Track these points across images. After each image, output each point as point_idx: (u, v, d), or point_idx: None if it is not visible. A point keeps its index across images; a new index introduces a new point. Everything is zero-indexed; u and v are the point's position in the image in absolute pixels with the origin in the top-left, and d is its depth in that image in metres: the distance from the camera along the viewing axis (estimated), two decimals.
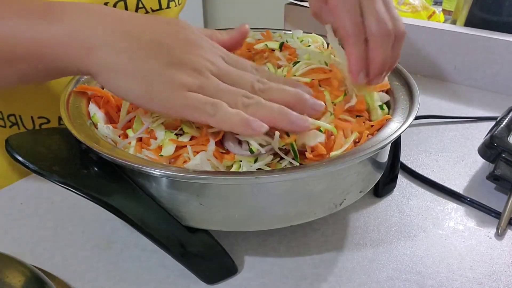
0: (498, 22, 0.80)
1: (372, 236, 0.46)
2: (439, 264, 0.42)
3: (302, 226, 0.46)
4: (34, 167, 0.36)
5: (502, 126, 0.53)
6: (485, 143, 0.52)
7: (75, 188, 0.36)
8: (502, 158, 0.50)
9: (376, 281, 0.41)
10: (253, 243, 0.44)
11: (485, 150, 0.52)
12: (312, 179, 0.38)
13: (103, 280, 0.41)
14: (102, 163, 0.38)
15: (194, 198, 0.38)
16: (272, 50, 0.52)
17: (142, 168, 0.35)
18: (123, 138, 0.42)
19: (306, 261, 0.43)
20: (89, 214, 0.48)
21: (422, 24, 0.84)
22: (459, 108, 0.73)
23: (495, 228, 0.47)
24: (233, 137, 0.39)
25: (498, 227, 0.46)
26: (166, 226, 0.39)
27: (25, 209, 0.49)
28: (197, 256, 0.40)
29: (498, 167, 0.50)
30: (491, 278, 0.41)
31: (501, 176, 0.49)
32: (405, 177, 0.55)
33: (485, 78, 0.80)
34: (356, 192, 0.42)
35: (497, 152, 0.51)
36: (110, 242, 0.45)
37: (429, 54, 0.84)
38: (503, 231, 0.46)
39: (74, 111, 0.43)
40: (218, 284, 0.40)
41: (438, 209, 0.50)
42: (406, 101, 0.46)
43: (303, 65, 0.48)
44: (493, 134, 0.52)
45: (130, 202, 0.38)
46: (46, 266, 0.42)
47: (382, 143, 0.38)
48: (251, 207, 0.38)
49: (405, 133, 0.41)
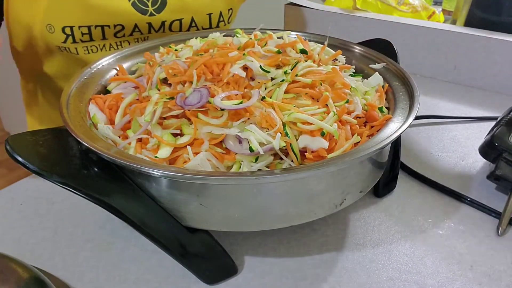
0: (498, 22, 0.80)
1: (372, 236, 0.46)
2: (439, 264, 0.42)
3: (302, 226, 0.46)
4: (34, 167, 0.36)
5: (502, 126, 0.53)
6: (486, 143, 0.52)
7: (75, 188, 0.36)
8: (503, 158, 0.50)
9: (376, 281, 0.41)
10: (253, 243, 0.44)
11: (486, 150, 0.52)
12: (312, 179, 0.38)
13: (103, 280, 0.41)
14: (102, 164, 0.38)
15: (194, 198, 0.38)
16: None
17: (142, 169, 0.36)
18: (123, 138, 0.42)
19: (306, 261, 0.43)
20: (89, 214, 0.48)
21: (422, 24, 0.84)
22: (459, 108, 0.73)
23: (495, 228, 0.47)
24: (233, 136, 0.39)
25: (499, 227, 0.46)
26: (166, 226, 0.39)
27: (25, 209, 0.49)
28: (197, 256, 0.40)
29: (499, 167, 0.50)
30: (491, 278, 0.41)
31: (502, 176, 0.49)
32: (405, 177, 0.55)
33: (485, 78, 0.80)
34: (356, 192, 0.42)
35: (498, 152, 0.51)
36: (110, 242, 0.45)
37: (429, 54, 0.84)
38: (503, 231, 0.46)
39: (74, 111, 0.43)
40: (218, 284, 0.40)
41: (438, 209, 0.50)
42: (406, 101, 0.46)
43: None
44: (494, 134, 0.52)
45: (130, 203, 0.38)
46: (46, 266, 0.42)
47: (382, 144, 0.38)
48: (251, 207, 0.38)
49: (405, 133, 0.41)
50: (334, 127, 0.40)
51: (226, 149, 0.39)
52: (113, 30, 0.63)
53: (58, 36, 0.61)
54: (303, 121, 0.40)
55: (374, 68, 0.52)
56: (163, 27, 0.67)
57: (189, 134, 0.40)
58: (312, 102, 0.43)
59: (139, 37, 0.67)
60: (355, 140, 0.41)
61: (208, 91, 0.42)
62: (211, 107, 0.40)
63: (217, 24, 0.71)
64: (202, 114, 0.40)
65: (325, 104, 0.43)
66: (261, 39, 0.53)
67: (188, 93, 0.42)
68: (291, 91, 0.44)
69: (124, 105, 0.45)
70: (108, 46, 0.65)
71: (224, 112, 0.40)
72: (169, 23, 0.66)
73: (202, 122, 0.40)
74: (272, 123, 0.39)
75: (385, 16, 0.92)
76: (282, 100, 0.43)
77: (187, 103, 0.41)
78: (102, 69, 0.51)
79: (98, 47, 0.64)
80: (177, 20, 0.66)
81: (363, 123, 0.45)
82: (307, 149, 0.39)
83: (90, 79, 0.49)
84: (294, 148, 0.39)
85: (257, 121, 0.40)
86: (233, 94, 0.42)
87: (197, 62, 0.46)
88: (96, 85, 0.49)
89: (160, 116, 0.42)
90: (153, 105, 0.42)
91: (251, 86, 0.45)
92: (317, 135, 0.39)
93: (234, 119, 0.40)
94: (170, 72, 0.47)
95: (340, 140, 0.40)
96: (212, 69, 0.46)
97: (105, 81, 0.51)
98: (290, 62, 0.48)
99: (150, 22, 0.65)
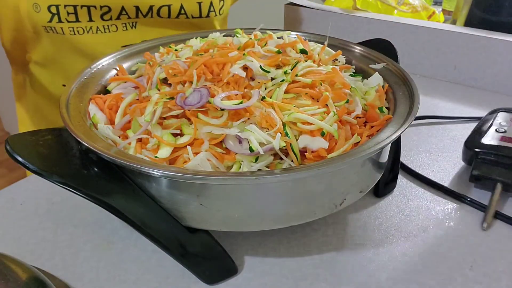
0: (498, 22, 0.80)
1: (372, 236, 0.46)
2: (439, 264, 0.42)
3: (302, 226, 0.46)
4: (34, 167, 0.36)
5: (474, 130, 0.56)
6: (463, 149, 0.54)
7: (75, 188, 0.36)
8: (478, 158, 0.52)
9: (376, 281, 0.41)
10: (253, 243, 0.45)
11: (464, 156, 0.55)
12: (312, 179, 0.38)
13: (103, 280, 0.41)
14: (102, 164, 0.38)
15: (194, 198, 0.38)
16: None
17: (142, 169, 0.35)
18: (123, 138, 0.42)
19: (306, 261, 0.43)
20: (89, 214, 0.48)
21: (422, 24, 0.84)
22: (459, 108, 0.73)
23: (495, 227, 0.47)
24: (233, 136, 0.39)
25: (483, 222, 0.47)
26: (166, 227, 0.39)
27: (25, 209, 0.49)
28: (197, 256, 0.40)
29: (475, 168, 0.51)
30: (491, 278, 0.41)
31: (480, 175, 0.51)
32: (405, 177, 0.55)
33: (485, 78, 0.80)
34: (356, 192, 0.42)
35: (473, 154, 0.53)
36: (110, 242, 0.45)
37: (429, 54, 0.84)
38: (488, 226, 0.47)
39: (74, 111, 0.43)
40: (218, 284, 0.40)
41: (438, 209, 0.50)
42: (406, 101, 0.46)
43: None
44: (467, 139, 0.54)
45: (130, 203, 0.38)
46: (46, 266, 0.42)
47: (382, 144, 0.38)
48: (251, 207, 0.38)
49: (405, 133, 0.41)
50: (334, 127, 0.40)
51: (226, 149, 0.39)
52: (100, 11, 0.63)
53: (44, 15, 0.61)
54: (303, 121, 0.40)
55: (374, 68, 0.52)
56: (151, 11, 0.66)
57: (189, 134, 0.40)
58: (312, 102, 0.43)
59: (126, 22, 0.66)
60: (355, 140, 0.41)
61: (208, 91, 0.42)
62: (211, 107, 0.40)
63: (207, 14, 0.70)
64: (202, 114, 0.40)
65: (325, 104, 0.43)
66: (261, 39, 0.53)
67: (188, 93, 0.42)
68: (291, 91, 0.44)
69: (124, 105, 0.45)
70: (95, 28, 0.64)
71: (224, 112, 0.40)
72: (158, 8, 0.65)
73: (202, 122, 0.40)
74: (272, 123, 0.39)
75: (385, 16, 0.92)
76: (282, 100, 0.43)
77: (187, 103, 0.41)
78: (102, 69, 0.51)
79: (84, 29, 0.63)
80: (166, 5, 0.65)
81: (363, 123, 0.45)
82: (307, 149, 0.39)
83: (90, 79, 0.49)
84: (294, 148, 0.39)
85: (257, 121, 0.40)
86: (233, 94, 0.42)
87: (197, 62, 0.46)
88: (96, 85, 0.49)
89: (160, 116, 0.42)
90: (153, 105, 0.42)
91: (251, 86, 0.45)
92: (317, 135, 0.39)
93: (234, 119, 0.40)
94: (170, 72, 0.47)
95: (340, 140, 0.40)
96: (212, 69, 0.46)
97: (105, 81, 0.51)
98: (290, 62, 0.48)
99: (138, 5, 0.64)
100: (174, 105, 0.42)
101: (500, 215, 0.48)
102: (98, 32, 0.65)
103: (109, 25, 0.65)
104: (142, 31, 0.69)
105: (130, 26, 0.67)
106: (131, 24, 0.66)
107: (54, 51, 0.66)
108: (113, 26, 0.65)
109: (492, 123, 0.56)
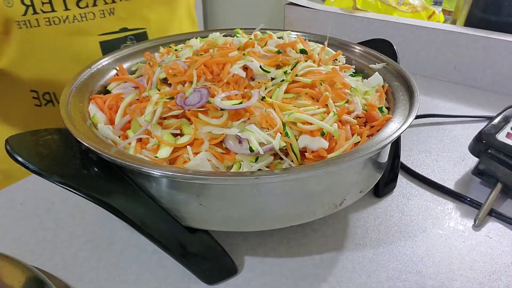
0: (498, 22, 0.80)
1: (372, 236, 0.46)
2: (439, 264, 0.42)
3: (302, 226, 0.46)
4: (34, 167, 0.36)
5: (492, 123, 0.54)
6: (475, 139, 0.54)
7: (75, 188, 0.36)
8: (487, 154, 0.51)
9: (376, 281, 0.41)
10: (253, 243, 0.45)
11: (473, 146, 0.54)
12: (312, 179, 0.38)
13: (103, 280, 0.41)
14: (102, 164, 0.38)
15: (194, 198, 0.38)
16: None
17: (142, 169, 0.35)
18: (123, 138, 0.42)
19: (306, 261, 0.43)
20: (89, 214, 0.48)
21: (422, 24, 0.84)
22: (459, 108, 0.73)
23: (495, 227, 0.47)
24: (233, 136, 0.39)
25: (476, 218, 0.47)
26: (166, 227, 0.39)
27: (25, 210, 0.49)
28: (197, 256, 0.40)
29: (482, 162, 0.51)
30: (491, 278, 0.41)
31: (484, 170, 0.51)
32: (405, 177, 0.55)
33: (485, 78, 0.80)
34: (356, 192, 0.42)
35: (484, 147, 0.52)
36: (110, 242, 0.45)
37: (429, 54, 0.84)
38: (480, 222, 0.47)
39: (74, 111, 0.43)
40: (218, 284, 0.40)
41: (438, 209, 0.50)
42: (406, 101, 0.46)
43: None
44: (482, 130, 0.53)
45: (130, 203, 0.38)
46: (46, 266, 0.42)
47: (382, 144, 0.38)
48: (251, 207, 0.38)
49: (405, 133, 0.41)
50: (334, 127, 0.40)
51: (226, 149, 0.39)
52: None
53: (18, 8, 0.59)
54: (303, 121, 0.40)
55: (374, 68, 0.53)
56: None
57: (189, 134, 0.40)
58: (312, 102, 0.43)
59: (104, 9, 0.64)
60: (355, 140, 0.41)
61: (208, 91, 0.42)
62: (211, 107, 0.40)
63: None
64: (202, 114, 0.40)
65: (325, 104, 0.43)
66: (261, 39, 0.53)
67: (188, 93, 0.42)
68: (291, 91, 0.44)
69: (124, 105, 0.45)
70: (72, 17, 0.62)
71: (224, 112, 0.40)
72: None
73: (202, 122, 0.40)
74: (272, 123, 0.39)
75: (385, 16, 0.92)
76: (282, 100, 0.43)
77: (187, 103, 0.41)
78: (102, 69, 0.51)
79: (60, 19, 0.62)
80: None
81: (363, 123, 0.45)
82: (307, 149, 0.39)
83: (90, 79, 0.49)
84: (294, 148, 0.39)
85: (257, 121, 0.40)
86: (233, 94, 0.42)
87: (197, 62, 0.46)
88: (96, 85, 0.49)
89: (160, 116, 0.42)
90: (153, 105, 0.42)
91: (251, 86, 0.45)
92: (317, 135, 0.39)
93: (234, 119, 0.40)
94: (170, 72, 0.47)
95: (340, 140, 0.40)
96: (212, 69, 0.46)
97: (105, 81, 0.51)
98: (290, 62, 0.48)
99: None
100: (174, 105, 0.42)
101: (500, 215, 0.48)
102: (75, 21, 0.63)
103: (86, 13, 0.63)
104: (121, 17, 0.67)
105: (108, 13, 0.65)
106: (108, 11, 0.64)
107: (24, 51, 0.63)
108: (90, 14, 0.63)
109: (510, 120, 0.55)
